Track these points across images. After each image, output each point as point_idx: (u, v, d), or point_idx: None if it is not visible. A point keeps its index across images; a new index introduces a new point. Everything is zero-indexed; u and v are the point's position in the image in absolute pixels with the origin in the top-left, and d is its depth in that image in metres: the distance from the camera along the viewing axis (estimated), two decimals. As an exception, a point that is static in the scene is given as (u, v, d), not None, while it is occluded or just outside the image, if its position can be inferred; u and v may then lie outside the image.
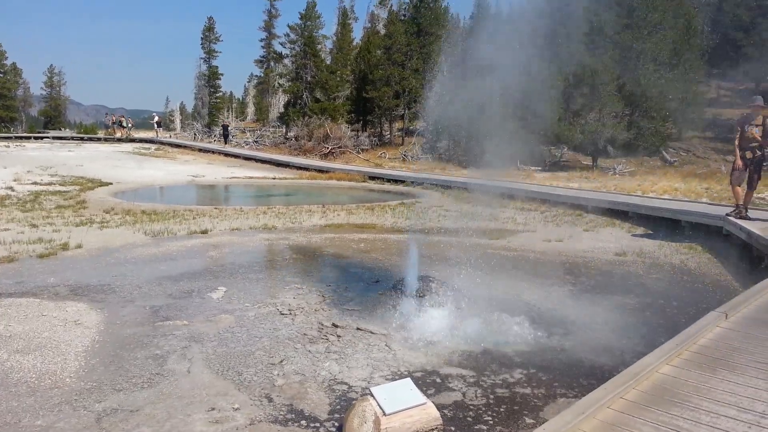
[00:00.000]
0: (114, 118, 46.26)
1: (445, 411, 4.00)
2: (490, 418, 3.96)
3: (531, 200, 16.04)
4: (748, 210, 10.55)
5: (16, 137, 40.47)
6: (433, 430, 3.71)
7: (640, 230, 11.99)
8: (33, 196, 15.41)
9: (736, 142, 10.18)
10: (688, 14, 32.01)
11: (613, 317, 6.18)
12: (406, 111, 36.62)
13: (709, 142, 30.38)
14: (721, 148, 28.35)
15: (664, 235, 11.20)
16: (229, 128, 41.18)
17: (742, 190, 10.47)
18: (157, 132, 44.04)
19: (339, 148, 33.72)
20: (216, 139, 42.42)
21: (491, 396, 4.31)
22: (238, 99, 76.40)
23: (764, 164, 10.33)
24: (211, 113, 51.18)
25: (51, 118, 57.98)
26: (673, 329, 5.05)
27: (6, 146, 33.19)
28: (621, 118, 29.03)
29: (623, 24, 29.69)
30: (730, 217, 10.36)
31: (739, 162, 10.10)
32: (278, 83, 45.77)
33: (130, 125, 45.57)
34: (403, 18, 40.47)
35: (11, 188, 16.84)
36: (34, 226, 10.95)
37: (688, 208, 12.35)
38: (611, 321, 6.05)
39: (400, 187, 20.65)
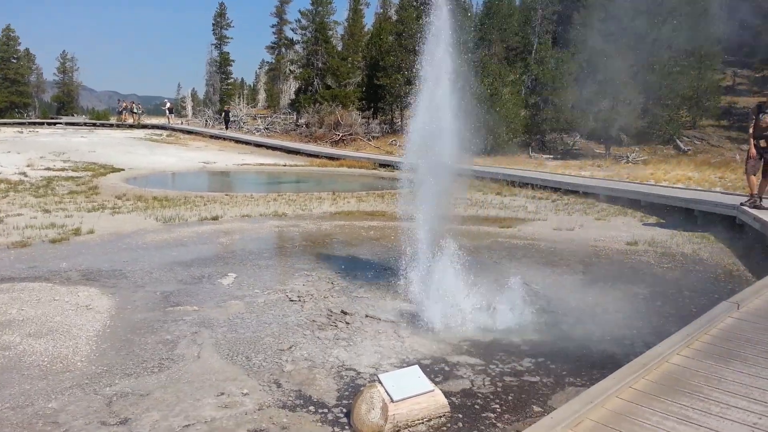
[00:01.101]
0: (126, 105, 46.43)
1: (453, 398, 4.00)
2: (498, 406, 3.96)
3: (542, 188, 15.95)
4: (763, 199, 10.42)
5: (30, 123, 40.68)
6: (440, 417, 3.72)
7: (652, 219, 11.89)
8: (46, 181, 15.54)
9: (750, 131, 10.04)
10: (704, 0, 31.48)
11: (623, 306, 6.15)
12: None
13: (724, 131, 29.99)
14: (736, 137, 27.99)
15: (677, 225, 11.10)
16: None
17: (756, 180, 10.34)
18: (168, 118, 44.14)
19: (350, 135, 33.65)
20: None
21: (499, 384, 4.30)
22: (250, 85, 76.42)
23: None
24: (222, 99, 51.19)
25: (64, 104, 58.25)
26: (684, 319, 5.02)
27: (19, 132, 33.42)
28: (635, 106, 28.71)
29: (638, 10, 29.27)
30: (744, 207, 10.23)
31: (753, 151, 9.97)
32: (289, 70, 45.68)
33: (140, 111, 45.69)
34: (415, 3, 40.13)
35: (24, 174, 16.98)
36: (46, 211, 11.05)
37: (702, 197, 12.22)
38: (622, 310, 6.02)
39: (410, 175, 20.54)
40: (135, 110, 44.65)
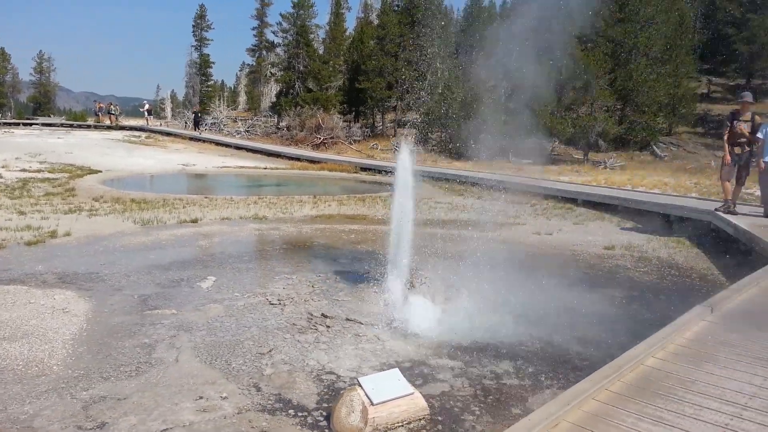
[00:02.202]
0: (102, 106, 45.87)
1: (433, 401, 4.02)
2: (477, 409, 3.99)
3: (522, 193, 16.08)
4: (736, 205, 10.64)
5: (5, 123, 40.02)
6: (420, 420, 3.74)
7: (629, 224, 12.07)
8: (21, 183, 15.28)
9: (725, 138, 10.25)
10: (680, 9, 32.10)
11: (600, 310, 6.23)
12: (399, 102, 36.55)
13: (700, 138, 30.58)
14: (712, 144, 28.55)
15: (653, 229, 11.28)
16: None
17: (731, 186, 10.55)
18: (147, 120, 43.70)
19: (331, 138, 33.64)
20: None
21: (478, 387, 4.34)
22: (230, 88, 75.99)
23: (752, 160, 10.40)
24: (202, 102, 50.90)
25: (40, 105, 57.45)
26: (659, 322, 5.10)
27: (-6, 132, 32.86)
28: (612, 113, 29.14)
29: (615, 18, 29.72)
30: (718, 212, 10.44)
31: (728, 157, 10.17)
32: (270, 72, 45.58)
33: (118, 113, 45.16)
34: (396, 9, 40.30)
35: (-1, 175, 16.69)
36: (22, 213, 10.87)
37: (677, 203, 12.44)
38: (598, 314, 6.10)
39: (391, 179, 20.60)
40: (112, 111, 44.13)
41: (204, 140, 34.14)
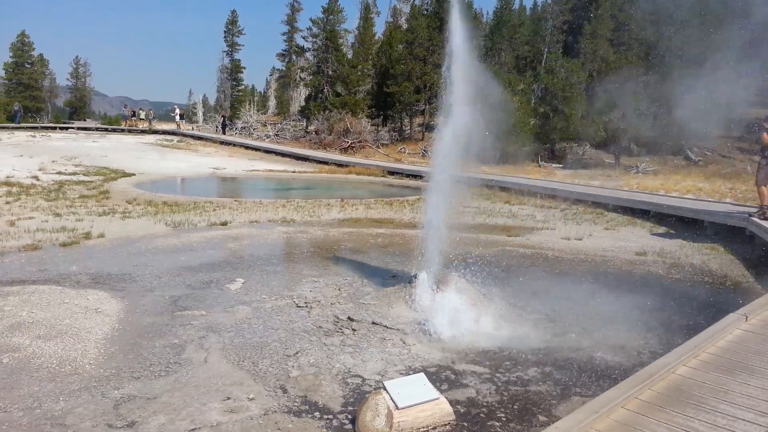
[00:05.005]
0: (132, 110, 46.87)
1: (459, 407, 4.00)
2: (503, 415, 3.96)
3: (551, 198, 15.91)
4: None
5: (42, 127, 41.05)
6: (445, 425, 3.72)
7: (661, 230, 11.84)
8: (57, 185, 15.67)
9: None
10: (716, 11, 31.40)
11: (630, 317, 6.12)
12: (427, 106, 36.49)
13: (735, 142, 29.83)
14: (747, 148, 27.83)
15: (686, 235, 11.04)
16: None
17: (767, 191, 10.26)
18: (179, 124, 44.44)
19: (359, 142, 33.75)
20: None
21: (505, 393, 4.30)
22: (260, 92, 76.82)
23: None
24: (233, 106, 51.51)
25: (76, 109, 58.81)
26: (691, 330, 5.00)
27: (32, 136, 33.74)
28: (645, 116, 28.61)
29: (649, 20, 29.27)
30: (754, 218, 10.17)
31: None
32: (300, 77, 45.88)
33: (152, 117, 46.01)
34: (425, 12, 40.28)
35: (36, 177, 17.13)
36: (57, 215, 11.15)
37: (712, 208, 12.15)
38: (629, 321, 5.99)
39: (419, 183, 20.57)
40: (142, 116, 45.02)
41: (234, 144, 34.54)
